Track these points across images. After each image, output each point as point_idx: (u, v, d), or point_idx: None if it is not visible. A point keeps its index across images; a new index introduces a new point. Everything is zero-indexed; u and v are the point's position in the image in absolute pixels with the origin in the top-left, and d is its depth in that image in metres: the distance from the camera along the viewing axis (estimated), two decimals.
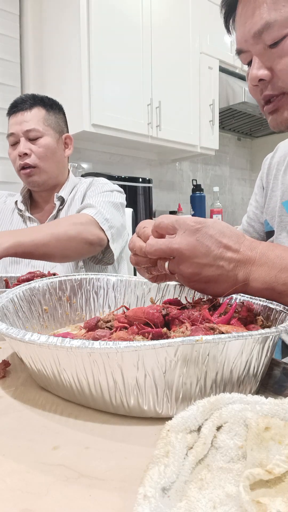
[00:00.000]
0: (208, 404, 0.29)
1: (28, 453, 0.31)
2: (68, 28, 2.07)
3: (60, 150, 1.22)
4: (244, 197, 3.68)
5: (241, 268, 0.48)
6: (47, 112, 1.18)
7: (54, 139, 1.19)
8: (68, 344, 0.34)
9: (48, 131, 1.17)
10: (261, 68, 0.63)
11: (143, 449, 0.32)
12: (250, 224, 0.95)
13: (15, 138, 1.16)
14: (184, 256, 0.47)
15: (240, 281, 0.48)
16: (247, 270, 0.48)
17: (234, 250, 0.48)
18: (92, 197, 1.16)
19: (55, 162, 1.20)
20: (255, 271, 0.48)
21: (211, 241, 0.47)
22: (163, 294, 0.68)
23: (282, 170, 0.85)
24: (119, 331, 0.45)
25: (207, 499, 0.23)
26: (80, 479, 0.28)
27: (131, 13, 2.18)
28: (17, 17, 2.20)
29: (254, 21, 0.61)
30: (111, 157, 2.64)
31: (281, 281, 0.47)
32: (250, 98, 2.63)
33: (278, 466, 0.24)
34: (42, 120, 1.16)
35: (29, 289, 0.59)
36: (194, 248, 0.47)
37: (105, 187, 1.22)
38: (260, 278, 0.47)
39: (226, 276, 0.48)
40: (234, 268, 0.48)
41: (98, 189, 1.21)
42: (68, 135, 1.25)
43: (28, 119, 1.14)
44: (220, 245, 0.47)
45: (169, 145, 2.45)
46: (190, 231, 0.47)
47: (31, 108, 1.16)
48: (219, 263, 0.47)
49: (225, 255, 0.47)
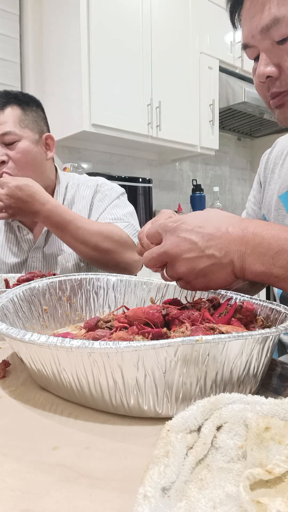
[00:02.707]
0: (208, 404, 0.29)
1: (28, 453, 0.31)
2: (68, 28, 2.07)
3: (41, 153, 1.08)
4: (244, 197, 3.67)
5: (234, 252, 0.47)
6: (23, 111, 1.04)
7: (33, 141, 1.05)
8: (68, 344, 0.34)
9: (26, 133, 1.03)
10: (269, 65, 0.61)
11: (143, 449, 0.32)
12: None
13: None
14: (172, 256, 0.48)
15: (237, 265, 0.47)
16: (241, 252, 0.47)
17: (220, 237, 0.47)
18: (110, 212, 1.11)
19: (37, 167, 1.06)
20: (250, 254, 0.46)
21: (192, 234, 0.47)
22: (163, 294, 0.68)
23: (279, 164, 0.85)
24: (119, 331, 0.45)
25: (207, 499, 0.23)
26: (80, 479, 0.28)
27: (131, 13, 2.18)
28: (17, 17, 2.20)
29: (263, 16, 0.59)
30: (111, 157, 2.64)
31: (278, 264, 0.46)
32: (250, 98, 2.63)
33: (278, 466, 0.24)
34: (18, 121, 1.02)
35: (29, 289, 0.59)
36: (178, 246, 0.47)
37: (113, 194, 1.15)
38: (256, 261, 0.46)
39: (221, 264, 0.47)
40: (227, 254, 0.47)
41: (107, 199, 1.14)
42: (49, 134, 1.10)
43: (2, 121, 1.00)
44: (203, 236, 0.47)
45: (169, 145, 2.45)
46: (170, 231, 0.48)
47: (3, 107, 1.01)
48: (208, 252, 0.47)
49: (211, 244, 0.47)
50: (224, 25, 2.67)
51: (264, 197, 0.88)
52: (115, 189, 1.18)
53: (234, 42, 2.76)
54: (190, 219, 0.48)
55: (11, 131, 1.01)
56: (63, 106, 2.15)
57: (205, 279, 0.49)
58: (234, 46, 2.77)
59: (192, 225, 0.48)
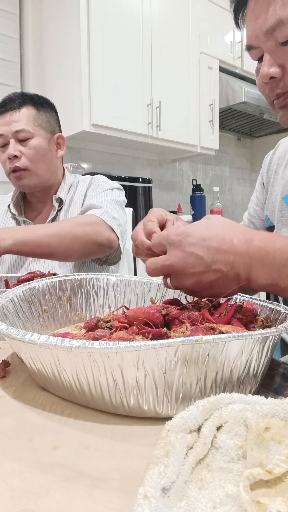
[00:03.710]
0: (208, 404, 0.29)
1: (28, 453, 0.31)
2: (68, 28, 2.06)
3: (52, 151, 1.16)
4: (244, 197, 3.67)
5: (240, 265, 0.47)
6: (37, 111, 1.12)
7: (45, 139, 1.13)
8: (68, 344, 0.34)
9: (39, 131, 1.12)
10: (273, 66, 0.61)
11: (143, 449, 0.32)
12: (251, 220, 0.95)
13: (3, 139, 1.10)
14: (178, 271, 0.48)
15: (243, 277, 0.47)
16: (248, 266, 0.47)
17: (225, 251, 0.46)
18: (94, 197, 1.15)
19: (46, 164, 1.15)
20: (256, 268, 0.47)
21: (197, 248, 0.46)
22: (163, 294, 0.68)
23: (282, 165, 0.85)
24: (119, 331, 0.45)
25: (207, 499, 0.23)
26: (80, 479, 0.28)
27: (131, 13, 2.18)
28: (17, 17, 2.20)
29: (267, 17, 0.59)
30: (111, 157, 2.64)
31: (283, 276, 0.46)
32: (250, 98, 2.63)
33: (278, 466, 0.24)
34: (32, 120, 1.11)
35: (29, 289, 0.59)
36: (184, 260, 0.47)
37: (105, 185, 1.19)
38: (262, 275, 0.47)
39: (227, 278, 0.47)
40: (233, 268, 0.47)
41: (99, 188, 1.18)
42: (60, 134, 1.19)
43: (17, 119, 1.09)
44: (209, 250, 0.46)
45: (169, 145, 2.45)
46: (174, 245, 0.47)
47: (20, 107, 1.10)
48: (214, 267, 0.46)
49: (218, 258, 0.46)
50: (224, 25, 2.67)
51: (268, 198, 0.88)
52: (109, 183, 1.22)
53: (234, 42, 2.76)
54: (194, 232, 0.48)
55: (24, 128, 1.09)
56: (63, 106, 2.14)
57: (212, 290, 0.49)
58: (234, 46, 2.77)
59: (196, 237, 0.47)
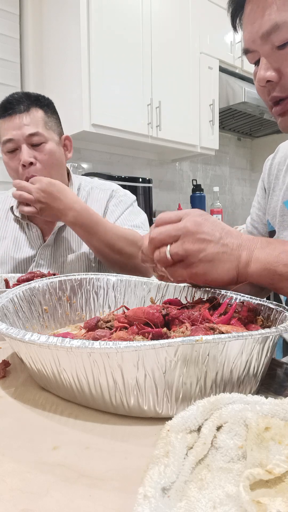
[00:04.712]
0: (208, 404, 0.29)
1: (28, 453, 0.31)
2: (68, 28, 2.06)
3: (62, 154, 1.11)
4: (244, 197, 3.68)
5: (244, 249, 0.51)
6: (45, 113, 1.06)
7: (56, 143, 1.08)
8: (68, 344, 0.34)
9: (50, 134, 1.06)
10: (269, 70, 0.62)
11: (143, 449, 0.32)
12: (254, 225, 0.96)
13: (14, 144, 1.02)
14: (190, 232, 0.50)
15: (243, 262, 0.51)
16: (250, 251, 0.51)
17: (235, 236, 0.52)
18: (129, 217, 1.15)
19: (60, 169, 1.10)
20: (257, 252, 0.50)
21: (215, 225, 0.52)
22: (163, 294, 0.68)
23: (283, 170, 0.86)
24: (119, 331, 0.45)
25: (207, 499, 0.23)
26: (80, 479, 0.28)
27: (131, 13, 2.18)
28: (17, 17, 2.20)
29: (263, 21, 0.60)
30: (111, 157, 2.63)
31: (282, 261, 0.48)
32: (250, 98, 2.63)
33: (278, 466, 0.24)
34: (43, 123, 1.04)
35: (29, 289, 0.59)
36: (200, 225, 0.51)
37: (128, 200, 1.19)
38: (261, 258, 0.50)
39: (230, 255, 0.51)
40: (238, 248, 0.51)
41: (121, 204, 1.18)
42: (67, 136, 1.14)
43: (29, 122, 1.01)
44: (223, 230, 0.52)
45: (169, 145, 2.45)
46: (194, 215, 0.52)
47: (28, 109, 1.03)
48: (223, 241, 0.51)
49: (227, 238, 0.51)
50: (224, 25, 2.66)
51: (269, 203, 0.89)
52: (128, 196, 1.21)
53: (234, 42, 2.76)
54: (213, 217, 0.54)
55: (38, 132, 1.02)
56: (63, 106, 2.13)
57: (209, 264, 0.51)
58: (234, 46, 2.77)
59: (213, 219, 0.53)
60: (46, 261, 1.13)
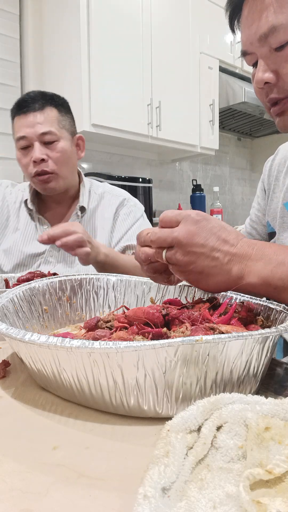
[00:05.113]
0: (208, 404, 0.29)
1: (28, 453, 0.31)
2: (68, 28, 2.06)
3: (74, 153, 1.15)
4: (244, 197, 3.67)
5: (236, 263, 0.49)
6: (59, 112, 1.09)
7: (69, 141, 1.10)
8: (68, 344, 0.34)
9: (63, 133, 1.09)
10: (267, 71, 0.63)
11: (143, 449, 0.32)
12: (253, 226, 0.96)
13: (27, 142, 1.06)
14: (181, 244, 0.49)
15: (234, 276, 0.49)
16: (242, 265, 0.49)
17: (231, 244, 0.49)
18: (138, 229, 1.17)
19: (72, 167, 1.14)
20: (251, 265, 0.48)
21: (210, 233, 0.49)
22: (163, 294, 0.68)
23: (283, 172, 0.86)
24: (119, 331, 0.45)
25: (207, 499, 0.23)
26: (80, 479, 0.28)
27: (131, 13, 2.18)
28: (17, 17, 2.20)
29: (260, 24, 0.60)
30: (111, 157, 2.63)
31: (277, 275, 0.47)
32: (250, 98, 2.63)
33: (278, 466, 0.24)
34: (57, 122, 1.07)
35: (29, 289, 0.59)
36: (192, 237, 0.49)
37: (138, 212, 1.23)
38: (256, 273, 0.48)
39: (220, 269, 0.49)
40: (229, 262, 0.49)
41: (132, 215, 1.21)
42: (80, 135, 1.17)
43: (42, 121, 1.04)
44: (218, 239, 0.49)
45: (169, 145, 2.45)
46: (191, 222, 0.49)
47: (43, 108, 1.05)
48: (214, 254, 0.48)
49: (221, 248, 0.49)
50: (224, 25, 2.64)
51: (269, 204, 0.89)
52: (138, 206, 1.25)
53: (234, 42, 2.76)
54: (212, 219, 0.51)
55: (52, 130, 1.05)
56: None
57: (199, 276, 0.50)
58: (234, 46, 2.77)
59: (212, 224, 0.50)
60: (54, 258, 1.14)
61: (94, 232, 1.19)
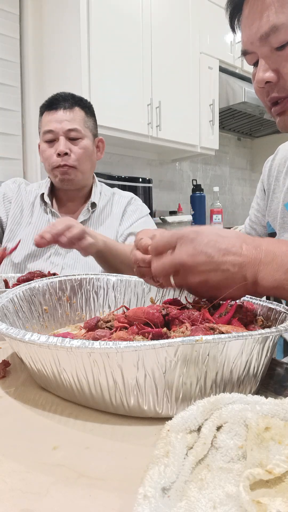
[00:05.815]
0: (208, 404, 0.29)
1: (28, 453, 0.31)
2: (68, 28, 2.06)
3: (95, 153, 1.25)
4: (244, 197, 3.67)
5: (247, 269, 0.47)
6: (86, 113, 1.20)
7: (91, 141, 1.21)
8: (68, 344, 0.34)
9: (87, 133, 1.19)
10: (267, 71, 0.62)
11: (143, 449, 0.32)
12: (252, 227, 0.96)
13: (53, 135, 1.16)
14: (187, 267, 0.47)
15: (250, 280, 0.47)
16: (255, 269, 0.47)
17: (234, 253, 0.47)
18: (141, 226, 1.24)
19: (91, 165, 1.23)
20: (262, 270, 0.47)
21: (209, 247, 0.47)
22: (163, 294, 0.68)
23: (283, 172, 0.86)
24: (119, 331, 0.45)
25: (207, 499, 0.23)
26: (80, 479, 0.28)
27: (131, 13, 2.17)
28: (17, 17, 2.19)
29: (261, 23, 0.60)
30: (111, 157, 2.63)
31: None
32: (250, 98, 2.63)
33: (278, 466, 0.24)
34: (83, 122, 1.18)
35: (29, 289, 0.59)
36: (194, 257, 0.47)
37: (144, 210, 1.31)
38: (269, 277, 0.46)
39: (234, 278, 0.47)
40: (240, 270, 0.47)
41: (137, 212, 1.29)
42: (101, 138, 1.28)
43: (70, 119, 1.15)
44: (220, 251, 0.47)
45: (169, 145, 2.45)
46: (186, 242, 0.48)
47: (72, 107, 1.16)
48: (223, 267, 0.47)
49: (227, 260, 0.47)
50: (224, 25, 2.64)
51: (269, 205, 0.88)
52: (145, 207, 1.35)
53: (234, 42, 2.76)
54: (206, 232, 0.49)
55: (77, 128, 1.16)
56: None
57: (217, 291, 0.48)
58: (234, 46, 2.77)
59: (208, 237, 0.48)
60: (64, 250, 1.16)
61: (102, 227, 1.25)
